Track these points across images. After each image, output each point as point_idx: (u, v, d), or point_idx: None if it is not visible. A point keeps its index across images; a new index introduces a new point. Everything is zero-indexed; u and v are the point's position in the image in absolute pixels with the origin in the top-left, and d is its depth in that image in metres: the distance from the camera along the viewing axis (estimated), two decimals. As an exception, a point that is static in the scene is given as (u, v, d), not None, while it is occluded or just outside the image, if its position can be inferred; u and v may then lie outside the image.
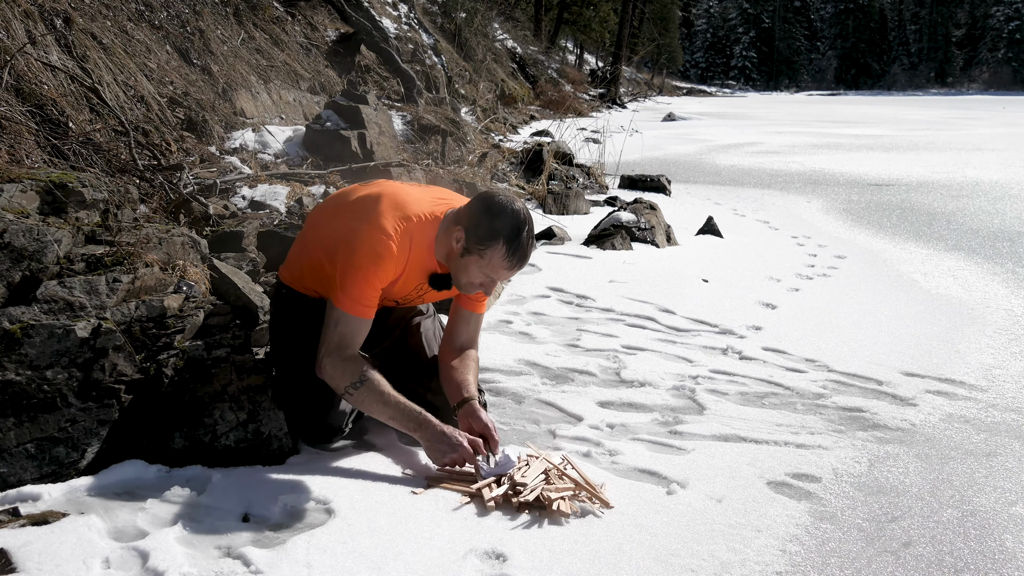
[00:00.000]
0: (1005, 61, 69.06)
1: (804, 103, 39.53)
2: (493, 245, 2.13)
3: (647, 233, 5.61)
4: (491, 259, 2.15)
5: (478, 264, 2.17)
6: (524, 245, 2.15)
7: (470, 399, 2.30)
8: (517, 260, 2.16)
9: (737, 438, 2.60)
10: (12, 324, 2.09)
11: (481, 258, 2.16)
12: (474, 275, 2.20)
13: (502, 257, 2.14)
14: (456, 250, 2.19)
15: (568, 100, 19.44)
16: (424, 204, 2.26)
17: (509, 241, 2.13)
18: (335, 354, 2.17)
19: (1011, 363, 3.44)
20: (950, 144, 14.62)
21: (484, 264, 2.17)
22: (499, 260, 2.15)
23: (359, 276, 2.14)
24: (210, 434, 2.17)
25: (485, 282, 2.22)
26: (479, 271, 2.19)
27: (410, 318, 2.62)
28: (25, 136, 3.45)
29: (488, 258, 2.15)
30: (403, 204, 2.22)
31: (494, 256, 2.14)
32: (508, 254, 2.14)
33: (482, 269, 2.18)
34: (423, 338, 2.58)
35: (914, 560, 1.94)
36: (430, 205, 2.26)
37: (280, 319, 2.48)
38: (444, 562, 1.80)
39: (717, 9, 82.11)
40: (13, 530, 1.78)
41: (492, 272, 2.18)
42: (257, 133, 5.79)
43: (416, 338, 2.58)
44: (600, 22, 35.37)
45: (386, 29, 10.35)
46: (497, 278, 2.21)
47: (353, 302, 2.16)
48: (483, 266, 2.17)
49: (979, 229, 6.72)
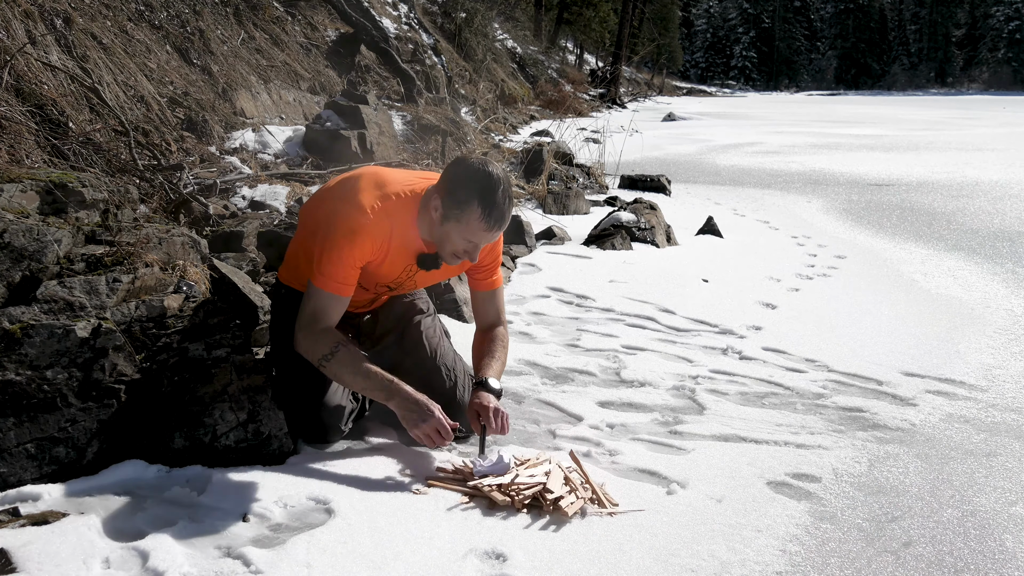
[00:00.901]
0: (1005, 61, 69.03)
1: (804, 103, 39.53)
2: (469, 207, 2.12)
3: (647, 233, 5.61)
4: (469, 221, 2.14)
5: (457, 229, 2.17)
6: (500, 204, 2.14)
7: (478, 381, 2.36)
8: (495, 220, 2.15)
9: (737, 438, 2.60)
10: (12, 324, 2.09)
11: (459, 223, 2.15)
12: (456, 242, 2.19)
13: (479, 218, 2.13)
14: (436, 220, 2.19)
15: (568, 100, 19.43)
16: (404, 183, 2.26)
17: (484, 201, 2.12)
18: (308, 327, 2.19)
19: (1011, 363, 3.44)
20: (950, 144, 14.62)
21: (463, 228, 2.16)
22: (476, 221, 2.14)
23: (334, 254, 2.16)
24: (210, 434, 2.17)
25: (468, 248, 2.21)
26: (460, 237, 2.18)
27: (410, 317, 2.62)
28: (25, 136, 3.45)
29: (466, 222, 2.14)
30: (383, 183, 2.23)
31: (471, 218, 2.13)
32: (484, 215, 2.13)
33: (462, 234, 2.17)
34: (424, 336, 2.58)
35: (914, 560, 1.94)
36: (410, 184, 2.27)
37: (280, 319, 2.48)
38: (444, 562, 1.80)
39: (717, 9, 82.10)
40: (13, 530, 1.78)
41: (471, 235, 2.17)
42: (257, 133, 5.79)
43: (416, 336, 2.58)
44: (600, 22, 35.37)
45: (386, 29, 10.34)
46: (478, 241, 2.20)
47: (326, 278, 2.17)
48: (462, 231, 2.16)
49: (979, 229, 6.72)
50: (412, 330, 2.59)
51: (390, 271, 2.33)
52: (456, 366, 2.57)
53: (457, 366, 2.57)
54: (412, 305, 2.65)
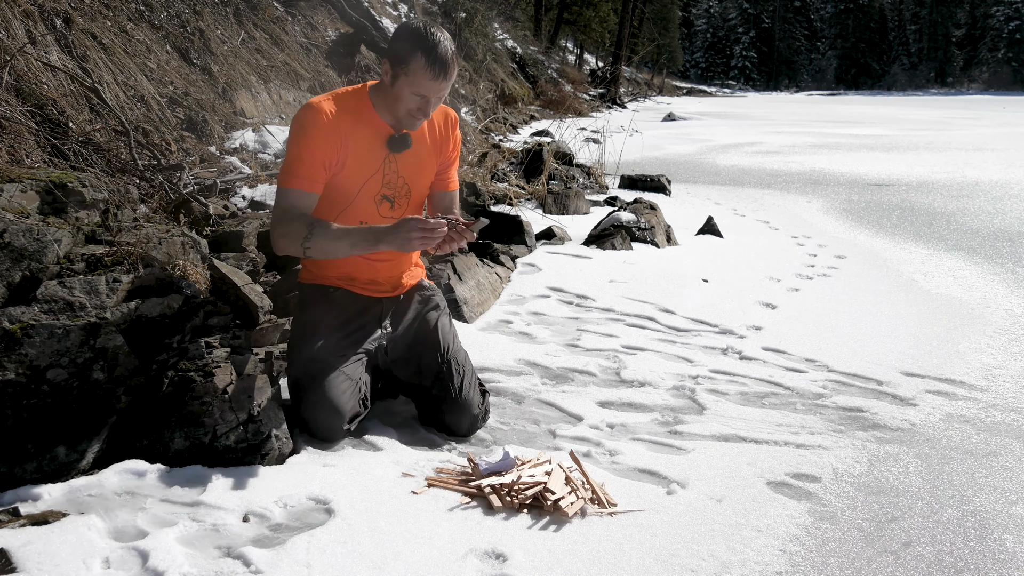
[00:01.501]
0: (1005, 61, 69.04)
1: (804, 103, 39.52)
2: (413, 58, 2.24)
3: (647, 233, 5.61)
4: (415, 73, 2.25)
5: (406, 84, 2.27)
6: (443, 52, 2.24)
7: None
8: (439, 67, 2.25)
9: (737, 438, 2.60)
10: (12, 324, 2.09)
11: (407, 76, 2.26)
12: (408, 99, 2.30)
13: (424, 67, 2.23)
14: (387, 83, 2.31)
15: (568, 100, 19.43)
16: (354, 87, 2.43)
17: (426, 50, 2.22)
18: (279, 224, 2.28)
19: (1011, 363, 3.44)
20: (950, 144, 14.62)
21: (411, 82, 2.26)
22: (422, 71, 2.24)
23: (292, 152, 2.28)
24: (210, 434, 2.17)
25: (420, 104, 2.31)
26: (409, 92, 2.28)
27: (428, 311, 2.66)
28: (25, 136, 3.45)
29: (413, 73, 2.25)
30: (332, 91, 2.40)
31: (417, 68, 2.25)
32: (429, 63, 2.23)
33: (411, 88, 2.27)
34: (440, 332, 2.61)
35: (914, 560, 1.94)
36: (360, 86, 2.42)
37: (302, 316, 2.55)
38: (444, 562, 1.80)
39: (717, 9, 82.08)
40: (13, 530, 1.78)
41: (421, 88, 2.27)
42: (257, 133, 5.79)
43: (431, 332, 2.60)
44: (600, 22, 35.36)
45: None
46: (427, 94, 2.29)
47: (289, 176, 2.28)
48: (410, 84, 2.27)
49: (979, 229, 6.72)
50: (428, 324, 2.64)
51: (368, 166, 2.40)
52: (465, 365, 2.59)
53: (467, 365, 2.59)
54: (430, 299, 2.71)
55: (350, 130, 2.33)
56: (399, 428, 2.51)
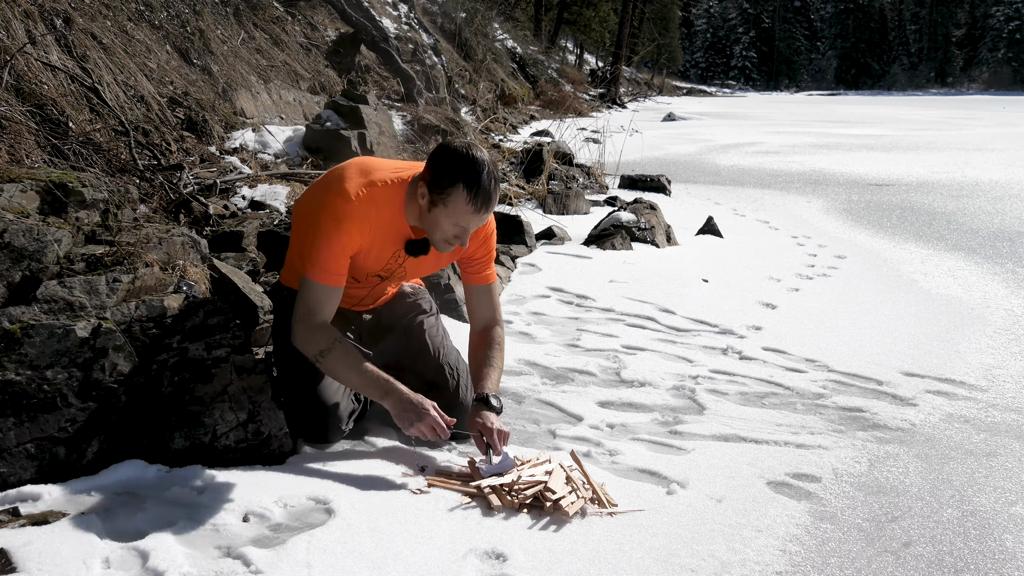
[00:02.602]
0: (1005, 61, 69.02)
1: (804, 103, 39.52)
2: (454, 190, 2.12)
3: (647, 233, 5.61)
4: (455, 205, 2.14)
5: (445, 214, 2.17)
6: (486, 185, 2.14)
7: (481, 397, 2.32)
8: (481, 202, 2.15)
9: (737, 438, 2.60)
10: (12, 324, 2.09)
11: (446, 207, 2.15)
12: (445, 227, 2.20)
13: (465, 201, 2.13)
14: (424, 207, 2.19)
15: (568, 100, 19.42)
16: (390, 171, 2.27)
17: (469, 183, 2.12)
18: (304, 322, 2.19)
19: (1011, 363, 3.44)
20: (950, 144, 14.62)
21: (450, 212, 2.16)
22: (463, 204, 2.14)
23: (322, 243, 2.16)
24: (210, 434, 2.17)
25: (458, 232, 2.21)
26: (448, 222, 2.18)
27: (413, 316, 2.62)
28: (25, 136, 3.45)
29: (453, 205, 2.14)
30: (368, 171, 2.24)
31: (457, 201, 2.14)
32: (471, 197, 2.13)
33: (450, 218, 2.17)
34: (427, 335, 2.59)
35: (914, 560, 1.94)
36: (396, 172, 2.27)
37: (281, 320, 2.48)
38: (444, 562, 1.80)
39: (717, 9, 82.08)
40: (13, 530, 1.78)
41: (459, 219, 2.17)
42: (257, 133, 5.79)
43: (419, 336, 2.58)
44: (600, 22, 35.35)
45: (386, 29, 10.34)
46: (467, 225, 2.20)
47: (319, 269, 2.17)
48: (449, 214, 2.16)
49: (979, 229, 6.72)
50: (415, 329, 2.60)
51: (378, 259, 2.33)
52: (459, 365, 2.58)
53: (460, 365, 2.58)
54: (415, 305, 2.66)
55: (377, 228, 2.23)
56: (399, 428, 2.51)
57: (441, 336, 2.64)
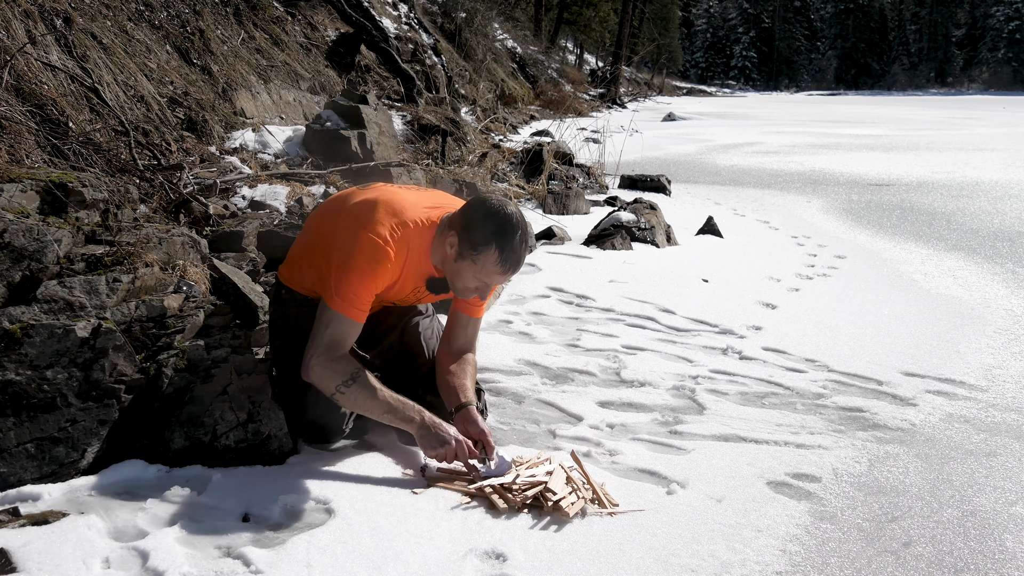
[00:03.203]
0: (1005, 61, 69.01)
1: (804, 103, 39.52)
2: (486, 250, 2.13)
3: (647, 233, 5.61)
4: (484, 264, 2.15)
5: (472, 269, 2.17)
6: (517, 250, 2.15)
7: (467, 404, 2.30)
8: (511, 265, 2.16)
9: (737, 438, 2.60)
10: (12, 324, 2.09)
11: (475, 263, 2.16)
12: (468, 280, 2.21)
13: (495, 262, 2.14)
14: (450, 255, 2.19)
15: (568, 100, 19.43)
16: (420, 210, 2.26)
17: (502, 246, 2.13)
18: (325, 355, 2.16)
19: (1011, 363, 3.44)
20: (950, 144, 14.62)
21: (478, 269, 2.17)
22: (492, 265, 2.15)
23: (354, 279, 2.14)
24: (210, 434, 2.17)
25: (480, 287, 2.23)
26: (473, 276, 2.19)
27: (409, 318, 2.62)
28: (25, 136, 3.45)
29: (481, 263, 2.15)
30: (400, 210, 2.22)
31: (487, 261, 2.14)
32: (501, 260, 2.14)
33: (476, 274, 2.18)
34: (422, 338, 2.58)
35: (914, 560, 1.94)
36: (426, 211, 2.26)
37: (280, 319, 2.48)
38: (444, 562, 1.80)
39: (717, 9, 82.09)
40: (13, 530, 1.78)
41: (486, 277, 2.18)
42: (257, 133, 5.79)
43: (415, 338, 2.58)
44: (600, 22, 35.37)
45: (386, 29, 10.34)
46: (491, 283, 2.21)
47: (347, 304, 2.16)
48: (477, 271, 2.17)
49: (979, 229, 6.72)
50: (411, 331, 2.59)
51: (399, 292, 2.34)
52: None
53: None
54: (411, 307, 2.65)
55: (405, 268, 2.24)
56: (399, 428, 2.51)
57: (436, 337, 2.64)
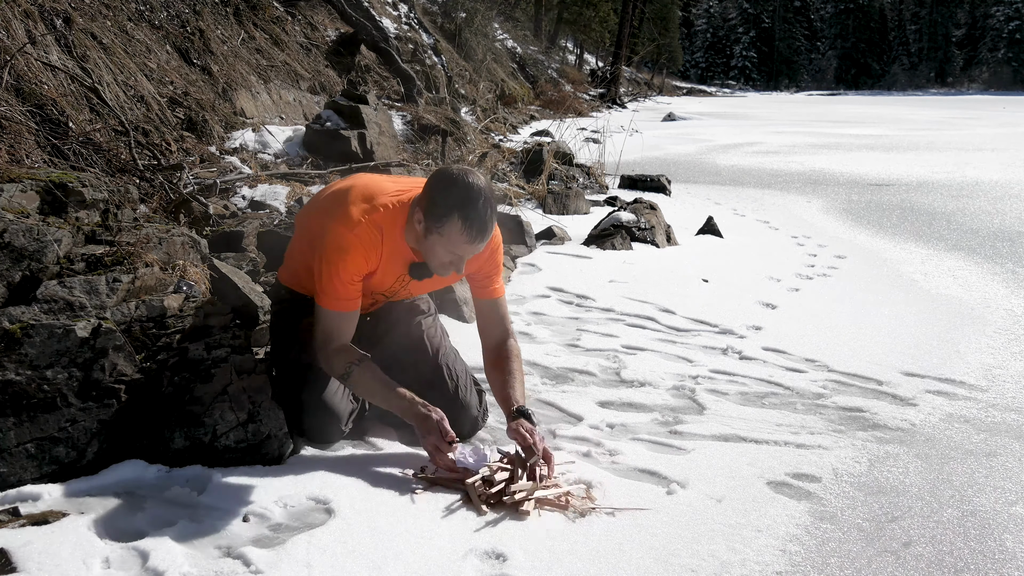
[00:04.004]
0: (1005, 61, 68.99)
1: (804, 103, 39.52)
2: (449, 221, 2.09)
3: (647, 233, 5.61)
4: (450, 235, 2.11)
5: (440, 243, 2.14)
6: (482, 216, 2.10)
7: (515, 415, 2.29)
8: (476, 232, 2.11)
9: (737, 438, 2.60)
10: (12, 324, 2.09)
11: (442, 236, 2.12)
12: (441, 255, 2.17)
13: (460, 231, 2.10)
14: (420, 232, 2.17)
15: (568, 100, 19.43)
16: (393, 193, 2.25)
17: (464, 214, 2.08)
18: (323, 349, 2.23)
19: (1011, 363, 3.44)
20: (950, 144, 14.62)
21: (446, 241, 2.13)
22: (457, 235, 2.10)
23: (330, 271, 2.17)
24: (210, 434, 2.17)
25: (453, 260, 2.18)
26: (444, 249, 2.15)
27: (411, 317, 2.62)
28: (25, 136, 3.45)
29: (448, 235, 2.11)
30: (371, 195, 2.22)
31: (452, 231, 2.10)
32: (465, 227, 2.09)
33: (445, 247, 2.15)
34: (425, 336, 2.58)
35: (914, 560, 1.94)
36: (399, 194, 2.25)
37: (280, 319, 2.49)
38: (444, 562, 1.80)
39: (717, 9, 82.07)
40: (13, 530, 1.78)
41: (455, 248, 2.14)
42: (257, 133, 5.79)
43: (418, 337, 2.58)
44: (600, 22, 35.37)
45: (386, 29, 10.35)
46: (463, 254, 2.17)
47: (329, 298, 2.20)
48: (445, 243, 2.13)
49: (979, 229, 6.72)
50: (413, 330, 2.59)
51: (383, 281, 2.34)
52: (457, 365, 2.57)
53: (458, 365, 2.57)
54: (413, 306, 2.65)
55: (383, 252, 2.23)
56: (399, 428, 2.51)
57: (439, 336, 2.63)
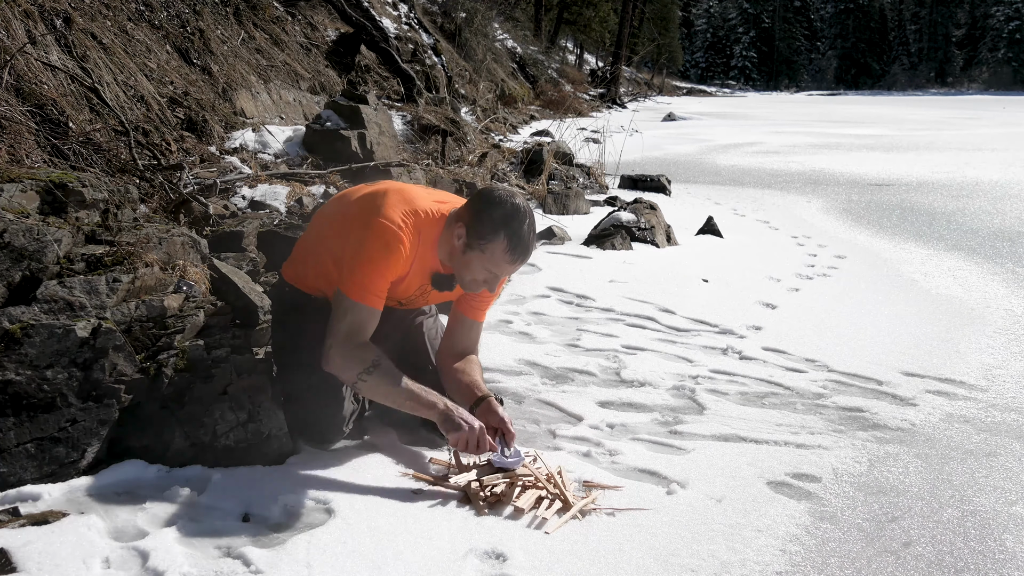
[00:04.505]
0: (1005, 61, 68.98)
1: (804, 103, 39.52)
2: (494, 239, 2.13)
3: (647, 233, 5.61)
4: (493, 253, 2.15)
5: (480, 260, 2.17)
6: (525, 238, 2.16)
7: (485, 397, 2.30)
8: (519, 254, 2.16)
9: (737, 438, 2.60)
10: (12, 324, 2.09)
11: (483, 253, 2.16)
12: (477, 271, 2.20)
13: (504, 251, 2.14)
14: (458, 247, 2.19)
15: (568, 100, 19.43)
16: (430, 202, 2.27)
17: (510, 235, 2.13)
18: (345, 343, 2.15)
19: (1011, 363, 3.44)
20: (950, 144, 14.62)
21: (486, 259, 2.17)
22: (501, 254, 2.15)
23: (370, 266, 2.14)
24: (210, 434, 2.17)
25: (488, 278, 2.22)
26: (482, 267, 2.19)
27: (412, 318, 2.62)
28: (25, 136, 3.45)
29: (490, 252, 2.15)
30: (410, 199, 2.23)
31: (496, 250, 2.15)
32: (509, 248, 2.14)
33: (484, 264, 2.18)
34: (426, 337, 2.58)
35: (914, 560, 1.94)
36: (436, 204, 2.27)
37: (283, 317, 2.48)
38: (444, 562, 1.80)
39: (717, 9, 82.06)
40: (13, 530, 1.78)
41: (494, 267, 2.18)
42: (257, 133, 5.79)
43: (419, 338, 2.58)
44: (600, 22, 35.37)
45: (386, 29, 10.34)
46: (500, 273, 2.21)
47: (364, 291, 2.15)
48: (485, 261, 2.17)
49: (979, 229, 6.72)
50: (414, 331, 2.59)
51: (407, 289, 2.33)
52: None
53: None
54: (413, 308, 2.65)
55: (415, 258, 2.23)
56: (399, 428, 2.51)
57: (439, 337, 2.63)
